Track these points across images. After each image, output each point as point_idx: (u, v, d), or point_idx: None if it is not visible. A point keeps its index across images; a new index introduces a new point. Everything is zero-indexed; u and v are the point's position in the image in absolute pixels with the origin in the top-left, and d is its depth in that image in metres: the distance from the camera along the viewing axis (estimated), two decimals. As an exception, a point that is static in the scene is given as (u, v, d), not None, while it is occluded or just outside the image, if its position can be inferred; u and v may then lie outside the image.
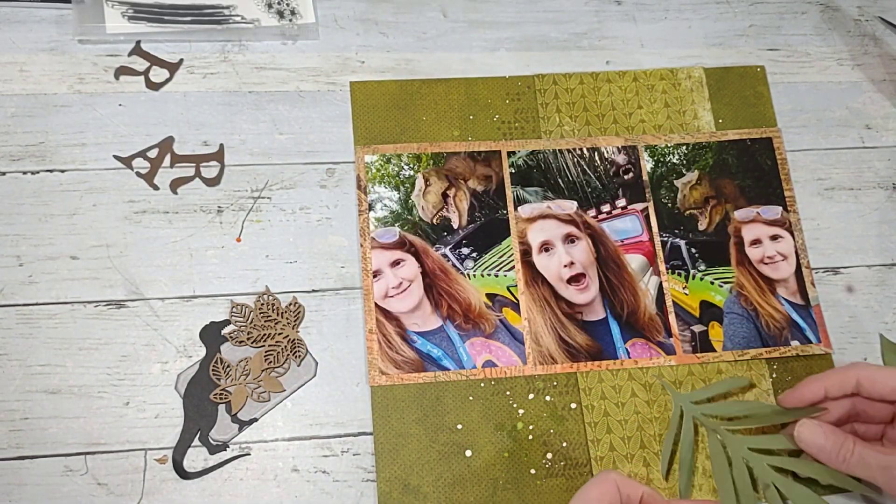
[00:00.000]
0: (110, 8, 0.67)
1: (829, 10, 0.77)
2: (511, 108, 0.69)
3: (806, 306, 0.65)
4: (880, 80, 0.74)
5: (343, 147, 0.66)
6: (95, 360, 0.59)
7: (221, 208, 0.64)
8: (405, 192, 0.65)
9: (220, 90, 0.67)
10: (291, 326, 0.61)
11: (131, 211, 0.63)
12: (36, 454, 0.56)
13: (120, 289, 0.61)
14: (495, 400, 0.60)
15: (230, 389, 0.59)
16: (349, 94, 0.68)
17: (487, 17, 0.73)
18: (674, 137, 0.69)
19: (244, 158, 0.65)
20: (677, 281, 0.65)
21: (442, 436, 0.59)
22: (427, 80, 0.69)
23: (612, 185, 0.67)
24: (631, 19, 0.74)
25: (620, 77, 0.71)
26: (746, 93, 0.72)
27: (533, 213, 0.66)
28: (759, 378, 0.63)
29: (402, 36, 0.71)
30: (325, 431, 0.59)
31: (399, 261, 0.63)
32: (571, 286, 0.64)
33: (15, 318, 0.59)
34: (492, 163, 0.67)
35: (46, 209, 0.62)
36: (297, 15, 0.69)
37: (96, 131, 0.64)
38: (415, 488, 0.58)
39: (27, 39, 0.66)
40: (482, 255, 0.64)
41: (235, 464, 0.57)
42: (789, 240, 0.67)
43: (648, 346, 0.63)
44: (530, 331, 0.62)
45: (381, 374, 0.60)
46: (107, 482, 0.56)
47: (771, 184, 0.69)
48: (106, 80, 0.66)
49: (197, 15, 0.68)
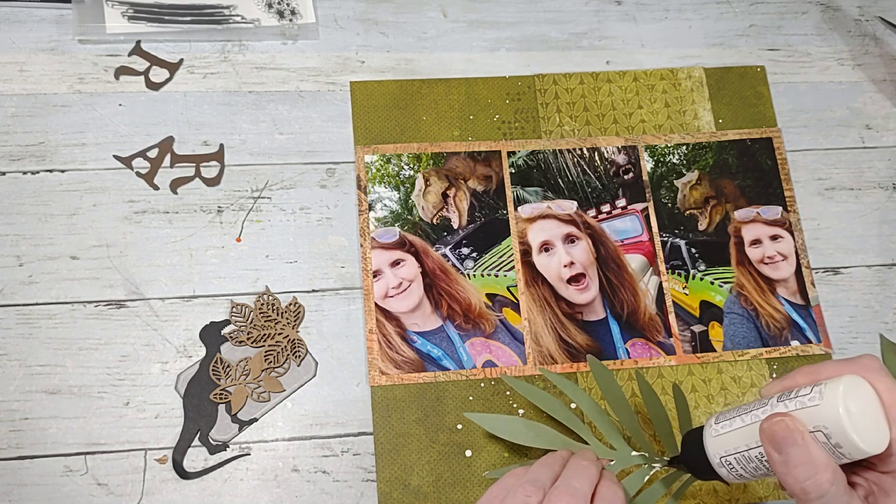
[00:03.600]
0: (110, 8, 0.67)
1: (829, 10, 0.77)
2: (511, 108, 0.69)
3: (806, 306, 0.65)
4: (881, 80, 0.74)
5: (343, 147, 0.66)
6: (95, 360, 0.59)
7: (221, 208, 0.64)
8: (405, 192, 0.65)
9: (220, 90, 0.67)
10: (291, 326, 0.61)
11: (131, 211, 0.63)
12: (36, 454, 0.56)
13: (120, 289, 0.60)
14: (495, 400, 0.60)
15: (230, 389, 0.59)
16: (349, 94, 0.68)
17: (487, 17, 0.73)
18: (674, 137, 0.69)
19: (244, 158, 0.65)
20: (677, 281, 0.65)
21: (442, 436, 0.59)
22: (427, 80, 0.69)
23: (612, 185, 0.67)
24: (631, 19, 0.74)
25: (620, 77, 0.71)
26: (746, 93, 0.72)
27: (533, 213, 0.66)
28: (759, 378, 0.63)
29: (402, 36, 0.71)
30: (325, 431, 0.59)
31: (399, 261, 0.63)
32: (571, 286, 0.64)
33: (15, 318, 0.59)
34: (492, 163, 0.67)
35: (46, 209, 0.62)
36: (297, 15, 0.69)
37: (96, 131, 0.64)
38: (415, 488, 0.58)
39: (27, 39, 0.66)
40: (482, 255, 0.64)
41: (235, 464, 0.57)
42: (789, 240, 0.67)
43: (648, 346, 0.63)
44: (530, 331, 0.62)
45: (381, 374, 0.60)
46: (107, 482, 0.56)
47: (771, 184, 0.69)
48: (106, 80, 0.66)
49: (197, 15, 0.68)
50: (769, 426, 0.41)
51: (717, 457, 0.45)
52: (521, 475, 0.46)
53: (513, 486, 0.45)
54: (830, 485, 0.38)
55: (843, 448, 0.39)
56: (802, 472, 0.39)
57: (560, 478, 0.45)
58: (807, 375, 0.42)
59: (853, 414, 0.38)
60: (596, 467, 0.47)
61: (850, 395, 0.39)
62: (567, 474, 0.45)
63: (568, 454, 0.49)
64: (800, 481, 0.39)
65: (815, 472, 0.39)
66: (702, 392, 0.62)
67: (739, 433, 0.44)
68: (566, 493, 0.43)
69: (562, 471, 0.46)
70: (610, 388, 0.57)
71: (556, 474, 0.46)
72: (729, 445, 0.44)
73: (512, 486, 0.45)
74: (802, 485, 0.39)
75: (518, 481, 0.45)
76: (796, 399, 0.41)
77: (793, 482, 0.39)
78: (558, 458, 0.48)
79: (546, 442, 0.56)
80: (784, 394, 0.42)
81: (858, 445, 0.38)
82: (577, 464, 0.46)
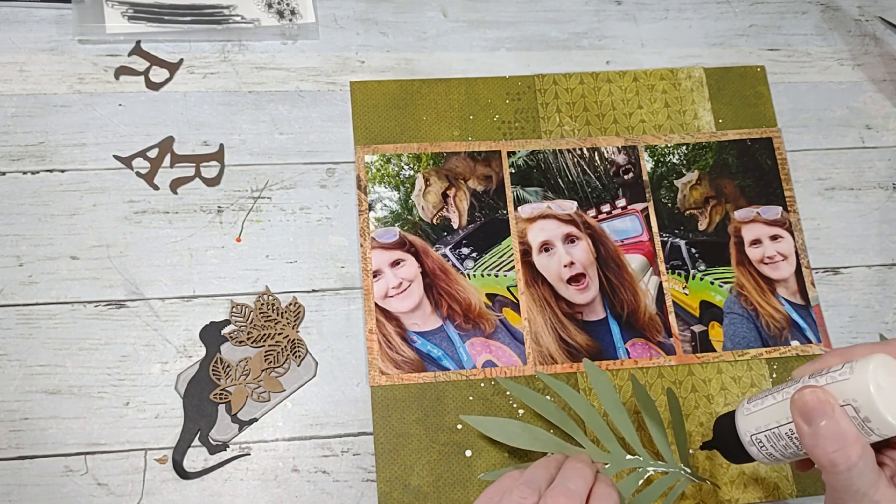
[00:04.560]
0: (110, 8, 0.67)
1: (829, 9, 0.77)
2: (511, 107, 0.69)
3: (806, 306, 0.65)
4: (881, 80, 0.74)
5: (343, 147, 0.66)
6: (95, 361, 0.59)
7: (221, 208, 0.64)
8: (405, 192, 0.65)
9: (220, 90, 0.67)
10: (291, 326, 0.61)
11: (131, 211, 0.63)
12: (36, 454, 0.56)
13: (120, 289, 0.60)
14: (495, 400, 0.60)
15: (230, 389, 0.59)
16: (349, 93, 0.68)
17: (487, 17, 0.73)
18: (674, 137, 0.69)
19: (244, 158, 0.65)
20: (677, 281, 0.65)
21: (442, 436, 0.59)
22: (427, 80, 0.69)
23: (612, 185, 0.67)
24: (631, 19, 0.74)
25: (620, 77, 0.71)
26: (746, 93, 0.72)
27: (533, 213, 0.66)
28: (759, 378, 0.63)
29: (402, 36, 0.71)
30: (325, 431, 0.59)
31: (399, 261, 0.63)
32: (571, 286, 0.64)
33: (15, 318, 0.59)
34: (492, 163, 0.67)
35: (46, 209, 0.62)
36: (297, 15, 0.69)
37: (96, 131, 0.64)
38: (415, 488, 0.58)
39: (27, 39, 0.66)
40: (482, 255, 0.64)
41: (235, 464, 0.57)
42: (789, 240, 0.67)
43: (648, 346, 0.63)
44: (530, 331, 0.62)
45: (381, 374, 0.60)
46: (107, 482, 0.56)
47: (771, 184, 0.69)
48: (106, 80, 0.66)
49: (197, 15, 0.68)
50: (800, 397, 0.41)
51: (748, 434, 0.46)
52: (517, 477, 0.46)
53: (509, 488, 0.45)
54: (859, 458, 0.39)
55: (872, 423, 0.39)
56: (832, 443, 0.39)
57: (556, 479, 0.45)
58: (838, 356, 0.43)
59: (883, 389, 0.39)
60: (591, 470, 0.47)
61: (880, 371, 0.39)
62: (563, 476, 0.45)
63: (563, 457, 0.49)
64: (828, 452, 0.39)
65: (844, 444, 0.39)
66: (702, 392, 0.62)
67: (771, 410, 0.44)
68: (562, 494, 0.43)
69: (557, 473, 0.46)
70: (606, 392, 0.57)
71: (552, 476, 0.46)
72: (760, 422, 0.45)
73: (508, 488, 0.45)
74: (831, 456, 0.39)
75: (514, 483, 0.45)
76: (827, 375, 0.41)
77: (821, 454, 0.40)
78: (553, 461, 0.48)
79: (541, 445, 0.56)
80: (816, 373, 0.43)
81: (887, 419, 0.39)
82: (572, 466, 0.46)
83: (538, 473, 0.46)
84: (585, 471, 0.46)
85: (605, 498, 0.45)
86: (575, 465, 0.47)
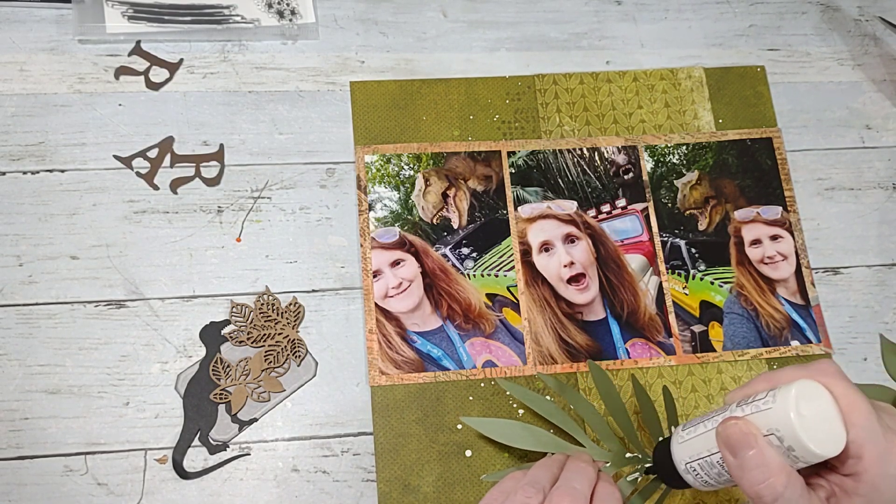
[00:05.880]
0: (110, 8, 0.67)
1: (829, 10, 0.77)
2: (511, 108, 0.69)
3: (806, 306, 0.65)
4: (880, 80, 0.74)
5: (343, 147, 0.66)
6: (95, 360, 0.59)
7: (221, 208, 0.64)
8: (405, 192, 0.65)
9: (220, 90, 0.67)
10: (291, 326, 0.61)
11: (131, 211, 0.63)
12: (36, 454, 0.56)
13: (120, 289, 0.60)
14: (495, 400, 0.60)
15: (230, 389, 0.59)
16: (349, 93, 0.68)
17: (487, 17, 0.73)
18: (674, 137, 0.69)
19: (244, 158, 0.65)
20: (677, 281, 0.65)
21: (442, 436, 0.59)
22: (427, 80, 0.69)
23: (612, 185, 0.67)
24: (631, 19, 0.74)
25: (620, 77, 0.71)
26: (746, 93, 0.72)
27: (533, 213, 0.66)
28: (759, 378, 0.63)
29: (402, 36, 0.71)
30: (325, 431, 0.59)
31: (399, 261, 0.63)
32: (571, 286, 0.64)
33: (15, 318, 0.59)
34: (492, 163, 0.67)
35: (46, 209, 0.62)
36: (297, 15, 0.69)
37: (96, 131, 0.64)
38: (415, 488, 0.58)
39: (27, 39, 0.66)
40: (482, 255, 0.64)
41: (235, 464, 0.57)
42: (789, 240, 0.67)
43: (648, 346, 0.63)
44: (530, 331, 0.62)
45: (381, 374, 0.60)
46: (107, 482, 0.56)
47: (771, 184, 0.69)
48: (106, 79, 0.66)
49: (197, 15, 0.68)
50: (724, 430, 0.41)
51: (682, 463, 0.46)
52: (519, 478, 0.46)
53: (513, 489, 0.45)
54: (784, 487, 0.38)
55: (797, 451, 0.39)
56: (757, 475, 0.39)
57: (559, 479, 0.45)
58: (765, 381, 0.42)
59: (805, 417, 0.39)
60: (593, 469, 0.47)
61: (802, 399, 0.39)
62: (566, 475, 0.45)
63: (565, 457, 0.49)
64: (754, 484, 0.39)
65: (768, 475, 0.39)
66: (702, 392, 0.62)
67: (702, 439, 0.44)
68: (567, 493, 0.43)
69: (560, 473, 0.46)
70: (608, 392, 0.57)
71: (555, 476, 0.46)
72: (693, 451, 0.45)
73: (511, 489, 0.45)
74: (757, 488, 0.39)
75: (517, 484, 0.45)
76: (752, 404, 0.41)
77: (748, 485, 0.40)
78: (555, 461, 0.48)
79: (542, 445, 0.56)
80: (743, 399, 0.42)
81: (810, 448, 0.38)
82: (575, 465, 0.46)
83: (541, 473, 0.46)
84: (588, 470, 0.46)
85: (608, 497, 0.45)
86: (577, 464, 0.47)
